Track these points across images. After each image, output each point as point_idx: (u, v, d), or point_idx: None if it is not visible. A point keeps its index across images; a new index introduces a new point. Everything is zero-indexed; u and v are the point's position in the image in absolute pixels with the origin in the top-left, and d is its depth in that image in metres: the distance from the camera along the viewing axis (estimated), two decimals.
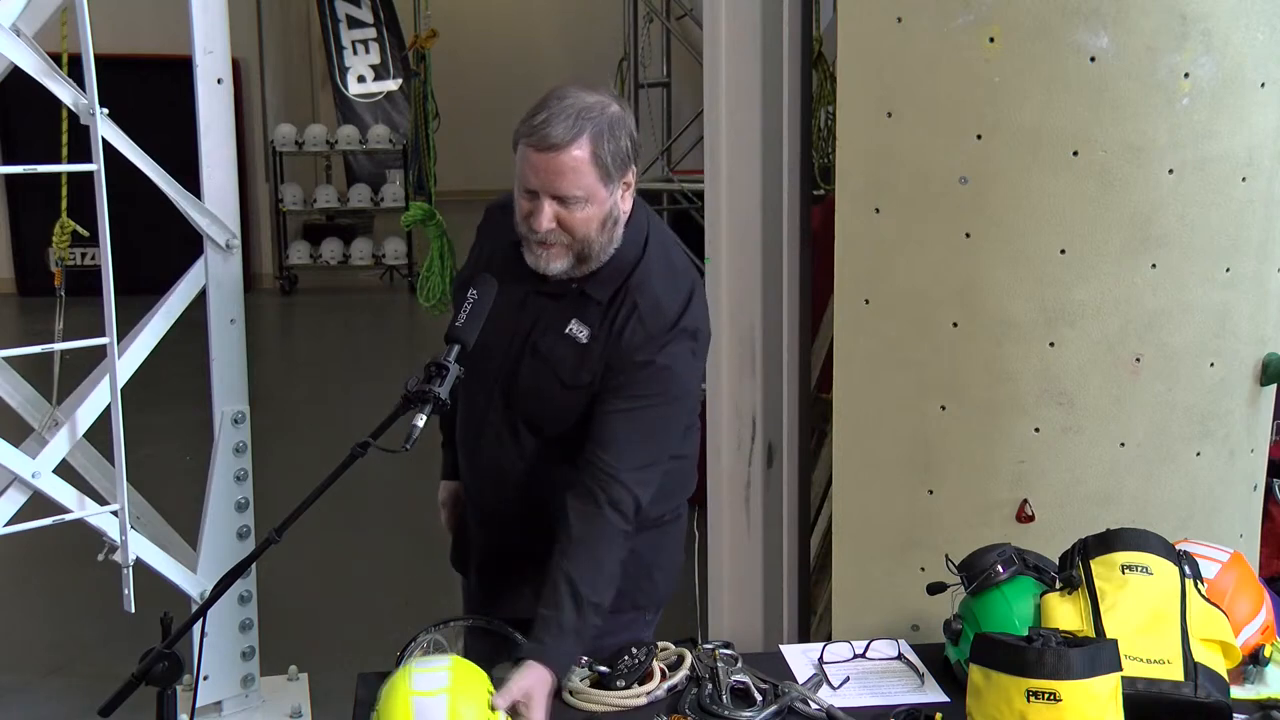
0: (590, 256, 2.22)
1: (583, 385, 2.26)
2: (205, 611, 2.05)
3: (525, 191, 2.19)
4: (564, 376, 2.27)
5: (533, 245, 2.21)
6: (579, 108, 2.14)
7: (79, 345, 3.22)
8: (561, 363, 2.27)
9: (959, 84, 2.63)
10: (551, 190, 2.15)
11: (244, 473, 3.61)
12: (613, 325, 2.26)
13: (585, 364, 2.26)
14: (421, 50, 10.12)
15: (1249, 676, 2.17)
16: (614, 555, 2.20)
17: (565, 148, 2.12)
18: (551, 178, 2.14)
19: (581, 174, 2.14)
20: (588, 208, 2.17)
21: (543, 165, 2.14)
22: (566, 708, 2.11)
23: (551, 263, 2.21)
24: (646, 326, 2.25)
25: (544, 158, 2.13)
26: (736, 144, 3.43)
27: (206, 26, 3.42)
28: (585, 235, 2.19)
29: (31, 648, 4.51)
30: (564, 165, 2.13)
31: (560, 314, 2.28)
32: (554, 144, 2.12)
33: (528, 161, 2.16)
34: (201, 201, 3.46)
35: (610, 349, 2.25)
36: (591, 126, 2.14)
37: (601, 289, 2.27)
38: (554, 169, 2.13)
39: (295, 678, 3.92)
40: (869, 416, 2.89)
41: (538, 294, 2.29)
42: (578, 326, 2.26)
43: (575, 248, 2.20)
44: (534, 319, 2.30)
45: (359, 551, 5.39)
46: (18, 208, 10.93)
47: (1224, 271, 2.66)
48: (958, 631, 2.19)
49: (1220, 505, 2.80)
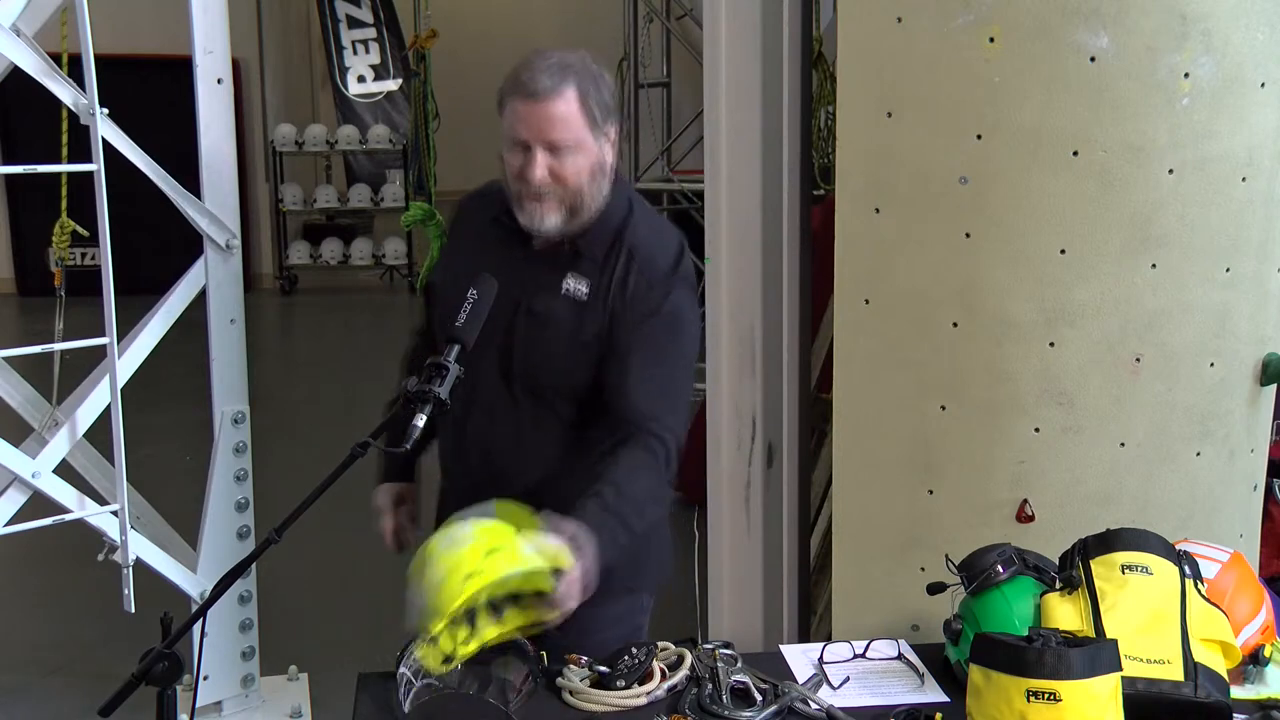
0: (581, 209, 2.27)
1: (589, 340, 2.29)
2: (205, 611, 2.05)
3: (516, 146, 2.23)
4: (567, 334, 2.29)
5: (526, 202, 2.26)
6: (562, 61, 2.22)
7: (79, 345, 3.22)
8: (563, 321, 2.29)
9: (959, 84, 2.63)
10: (543, 137, 2.20)
11: (244, 473, 3.61)
12: (612, 277, 2.30)
13: (589, 319, 2.29)
14: (421, 50, 10.14)
15: (1249, 676, 2.17)
16: (649, 479, 2.22)
17: (554, 95, 2.18)
18: (543, 125, 2.19)
19: (571, 120, 2.20)
20: (578, 157, 2.22)
21: (533, 114, 2.19)
22: (566, 708, 2.11)
23: (546, 217, 2.25)
24: (647, 276, 2.30)
25: (534, 106, 2.19)
26: (736, 144, 3.43)
27: (206, 26, 3.42)
28: (577, 186, 2.24)
29: (31, 648, 4.51)
30: (554, 112, 2.19)
31: (554, 274, 2.31)
32: (543, 92, 2.18)
33: (517, 114, 2.21)
34: (201, 201, 3.46)
35: (615, 302, 2.29)
36: (576, 76, 2.21)
37: (594, 244, 2.30)
38: (544, 116, 2.19)
39: (295, 678, 3.92)
40: (869, 416, 2.89)
41: (528, 260, 2.32)
42: (575, 282, 2.30)
43: (567, 200, 2.24)
44: (525, 283, 2.31)
45: (359, 551, 5.36)
46: (18, 208, 10.95)
47: (1224, 271, 2.66)
48: (958, 631, 2.19)
49: (1220, 505, 2.80)
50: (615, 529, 2.14)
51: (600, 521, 2.12)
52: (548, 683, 2.15)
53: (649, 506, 2.25)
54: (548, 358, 2.31)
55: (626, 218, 2.35)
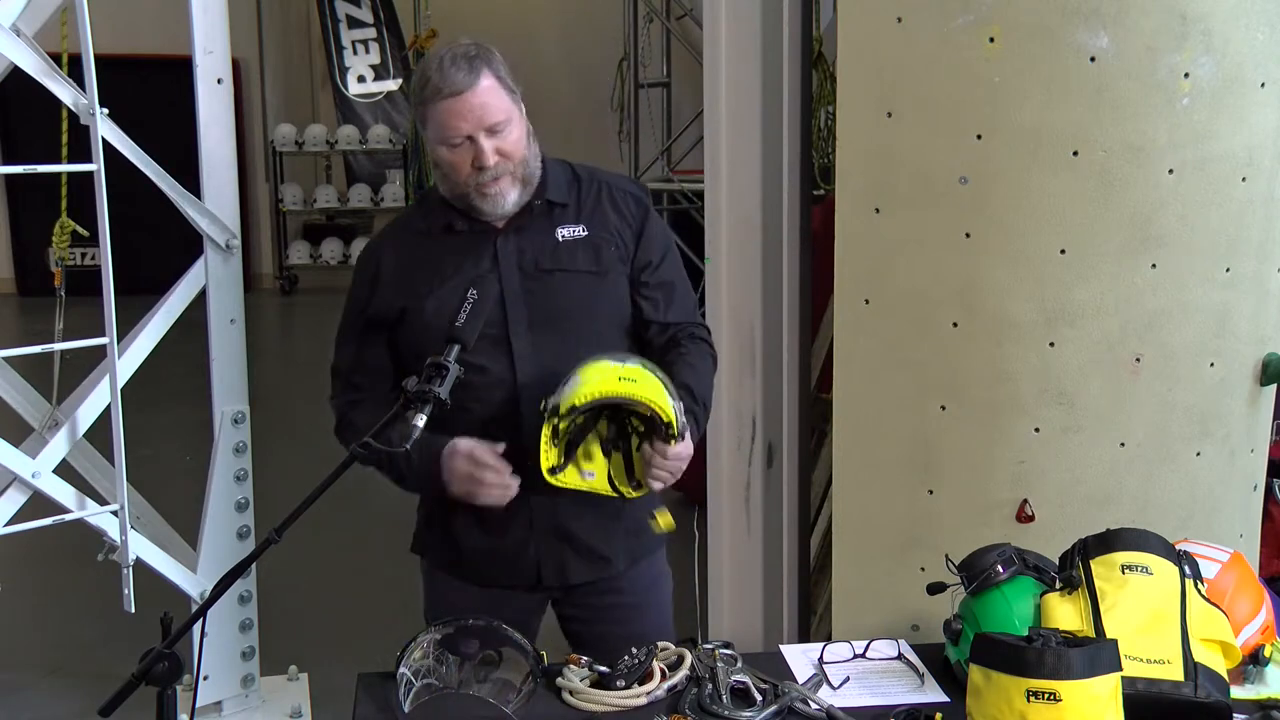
0: (530, 178, 2.37)
1: (613, 266, 2.40)
2: (205, 611, 2.05)
3: (456, 145, 2.30)
4: (590, 268, 2.39)
5: (483, 189, 2.33)
6: (461, 52, 2.31)
7: (79, 345, 3.22)
8: (577, 260, 2.39)
9: (959, 84, 2.63)
10: (481, 124, 2.28)
11: (244, 473, 3.61)
12: (598, 206, 2.43)
13: (601, 250, 2.40)
14: (421, 50, 10.15)
15: (1249, 676, 2.16)
16: (709, 375, 2.44)
17: (475, 83, 2.28)
18: (477, 114, 2.28)
19: (497, 99, 2.30)
20: (513, 129, 2.32)
21: (464, 108, 2.28)
22: (566, 708, 2.11)
23: (507, 196, 2.34)
24: (629, 191, 2.48)
25: (462, 100, 2.27)
26: (736, 144, 3.43)
27: (206, 26, 3.42)
28: (522, 155, 2.34)
29: (31, 648, 4.51)
30: (481, 100, 2.28)
31: (542, 234, 2.39)
32: (466, 86, 2.27)
33: (450, 113, 2.28)
34: (201, 201, 3.46)
35: (614, 222, 2.42)
36: (483, 61, 2.31)
37: (560, 191, 2.42)
38: (475, 105, 2.28)
39: (295, 678, 3.92)
40: (869, 416, 2.89)
41: (508, 238, 2.38)
42: (567, 230, 2.40)
43: (518, 172, 2.34)
44: (517, 257, 2.37)
45: (359, 551, 5.39)
46: (18, 208, 10.96)
47: (1224, 271, 2.66)
48: (958, 631, 2.19)
49: (1220, 505, 2.80)
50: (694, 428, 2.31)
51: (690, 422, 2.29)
52: (548, 683, 2.15)
53: (709, 402, 2.43)
54: (580, 298, 2.38)
55: (572, 168, 2.49)
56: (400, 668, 2.10)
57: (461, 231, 2.39)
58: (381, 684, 2.15)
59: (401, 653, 2.12)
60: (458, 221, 2.39)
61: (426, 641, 2.15)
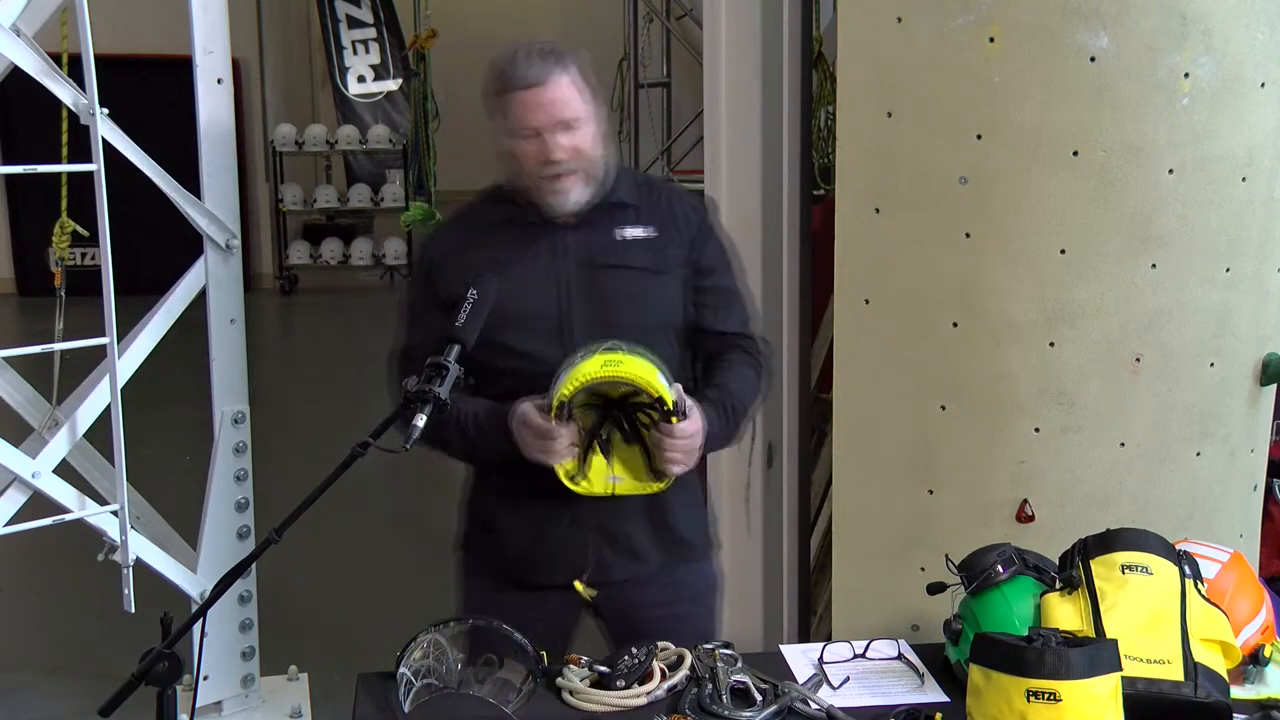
0: (598, 176, 2.38)
1: (673, 267, 2.42)
2: (205, 611, 2.05)
3: (527, 137, 2.31)
4: (651, 266, 2.40)
5: (549, 184, 2.34)
6: (540, 47, 2.31)
7: (79, 345, 3.22)
8: (639, 259, 2.40)
9: (959, 84, 2.63)
10: (555, 118, 2.29)
11: (244, 473, 3.61)
12: (663, 210, 2.44)
13: (666, 250, 2.42)
14: (421, 50, 10.14)
15: (1249, 676, 2.16)
16: (757, 383, 2.45)
17: (552, 78, 2.28)
18: (550, 109, 2.28)
19: (572, 96, 2.30)
20: (587, 129, 2.33)
21: (537, 101, 2.28)
22: (566, 708, 2.11)
23: (572, 194, 2.35)
24: (692, 201, 2.51)
25: (536, 93, 2.28)
26: (736, 144, 3.43)
27: (206, 26, 3.42)
28: (594, 155, 2.35)
29: (31, 648, 4.52)
30: (557, 95, 2.29)
31: (606, 233, 2.41)
32: (542, 79, 2.28)
33: (522, 106, 2.29)
34: (201, 201, 3.46)
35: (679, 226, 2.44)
36: (563, 56, 2.32)
37: (629, 193, 2.44)
38: (549, 100, 2.28)
39: (295, 678, 3.92)
40: (869, 416, 2.89)
41: (572, 233, 2.40)
42: (632, 230, 2.42)
43: (588, 170, 2.35)
44: (582, 252, 2.39)
45: (359, 551, 5.39)
46: (18, 208, 10.95)
47: (1224, 271, 2.66)
48: (958, 631, 2.19)
49: (1220, 505, 2.80)
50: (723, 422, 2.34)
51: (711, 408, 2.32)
52: (548, 683, 2.15)
53: (750, 406, 2.45)
54: (639, 294, 2.40)
55: (645, 175, 2.57)
56: (400, 668, 2.10)
57: (525, 224, 2.40)
58: (381, 684, 2.15)
59: (401, 653, 2.12)
60: (521, 214, 2.40)
61: (426, 641, 2.15)
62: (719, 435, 2.36)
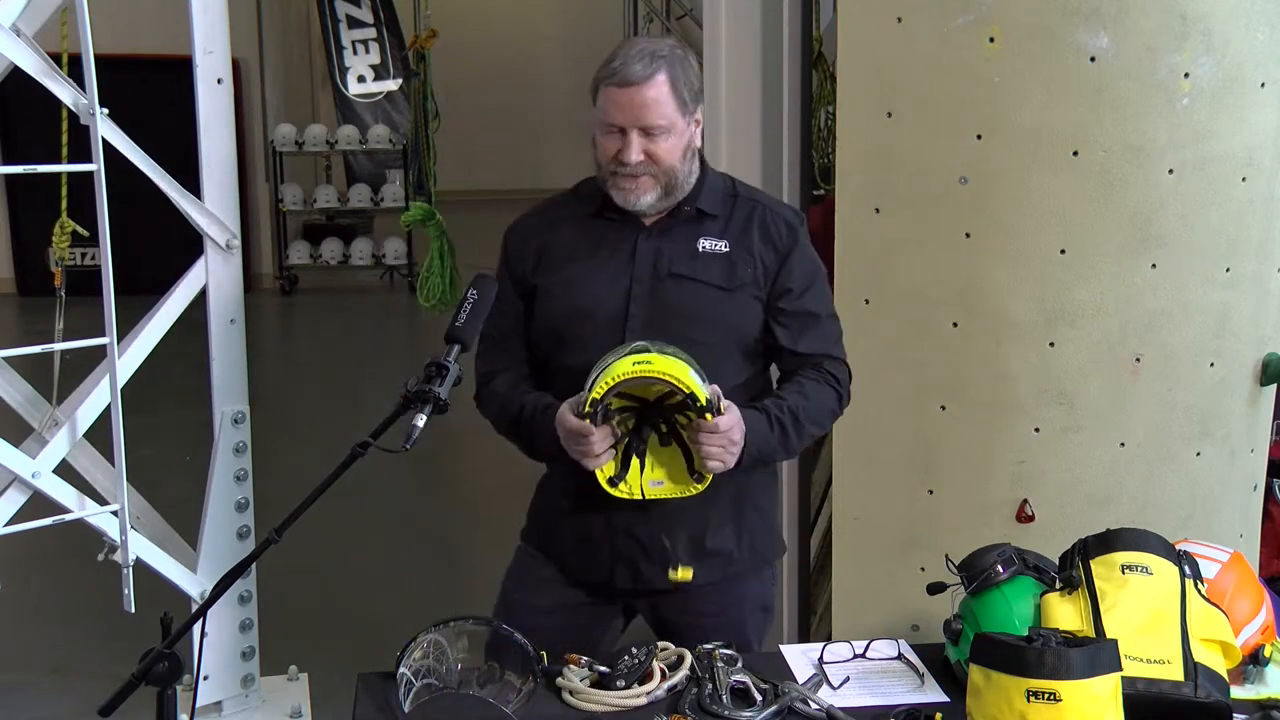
0: (675, 187, 2.37)
1: (744, 285, 2.39)
2: (205, 611, 2.05)
3: (610, 131, 2.33)
4: (720, 282, 2.38)
5: (620, 181, 2.35)
6: (652, 49, 2.33)
7: (79, 345, 3.21)
8: (710, 273, 2.39)
9: (959, 84, 2.63)
10: (637, 122, 2.30)
11: (244, 473, 3.61)
12: (746, 226, 2.42)
13: (737, 267, 2.39)
14: (421, 50, 10.12)
15: (1249, 676, 2.17)
16: (824, 398, 2.41)
17: (646, 81, 2.29)
18: (637, 111, 2.30)
19: (663, 104, 2.30)
20: (670, 138, 2.32)
21: (627, 100, 2.30)
22: (566, 708, 2.11)
23: (641, 195, 2.35)
24: (784, 217, 2.46)
25: (628, 93, 2.29)
26: (736, 144, 3.43)
27: (206, 26, 3.41)
28: (671, 165, 2.34)
29: (31, 648, 4.51)
30: (647, 98, 2.29)
31: (685, 240, 2.40)
32: (636, 79, 2.29)
33: (612, 100, 2.31)
34: (201, 201, 3.46)
35: (759, 244, 2.40)
36: (667, 63, 2.31)
37: (713, 203, 2.43)
38: (638, 102, 2.29)
39: (295, 678, 3.92)
40: (869, 416, 2.89)
41: (652, 235, 2.40)
42: (709, 243, 2.40)
43: (662, 178, 2.34)
44: (655, 257, 2.39)
45: (359, 551, 5.39)
46: (18, 208, 10.94)
47: (1224, 271, 2.66)
48: (958, 631, 2.19)
49: (1220, 505, 2.80)
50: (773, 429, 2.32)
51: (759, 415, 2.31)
52: (548, 683, 2.15)
53: (811, 419, 2.40)
54: (702, 307, 2.38)
55: (734, 184, 2.50)
56: (400, 668, 2.10)
57: (610, 220, 2.41)
58: (381, 684, 2.15)
59: (401, 653, 2.12)
60: (609, 210, 2.41)
61: (426, 641, 2.15)
62: (769, 443, 2.32)
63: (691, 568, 2.38)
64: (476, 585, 4.69)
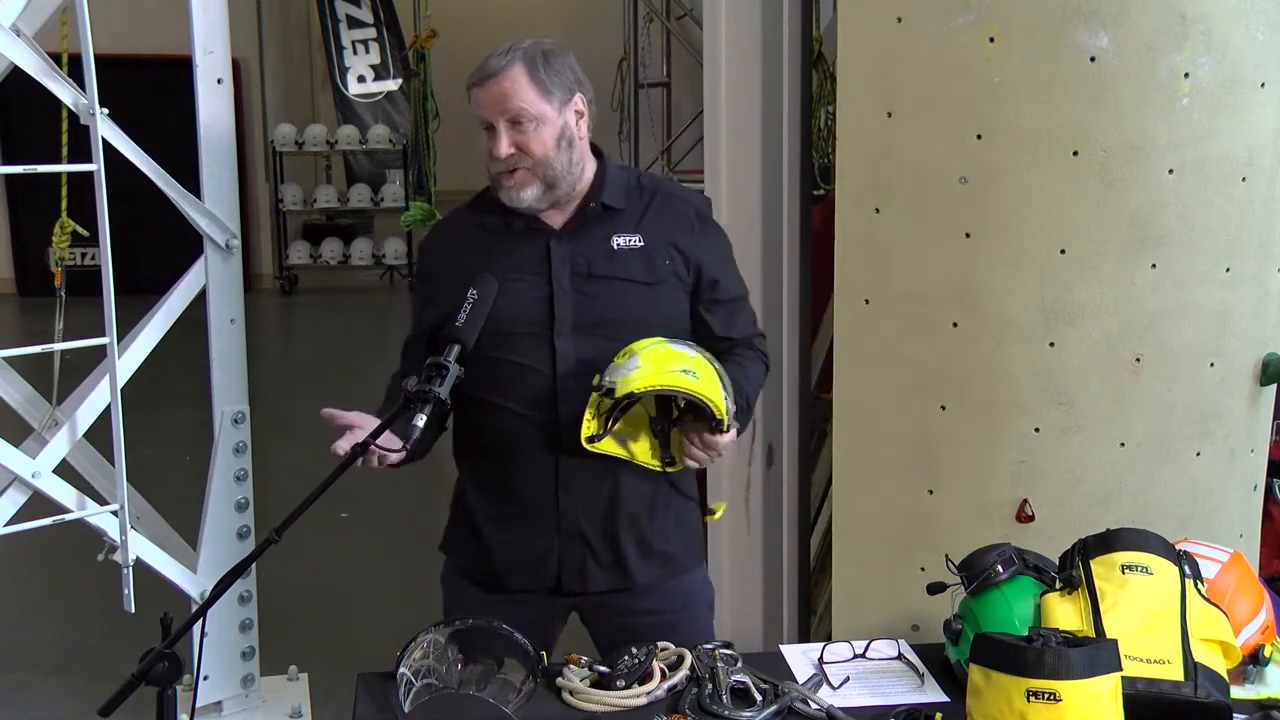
0: (556, 179, 2.35)
1: (666, 277, 2.40)
2: (205, 611, 2.05)
3: (483, 129, 2.34)
4: (642, 278, 2.38)
5: (502, 179, 2.35)
6: (510, 45, 2.36)
7: (79, 345, 3.22)
8: (631, 269, 2.38)
9: (959, 84, 2.63)
10: (500, 111, 2.31)
11: (244, 473, 3.61)
12: (656, 217, 2.42)
13: (655, 260, 2.39)
14: (421, 50, 10.13)
15: (1249, 676, 2.16)
16: (759, 375, 2.50)
17: (501, 72, 2.31)
18: (496, 101, 2.31)
19: (520, 91, 2.30)
20: (540, 128, 2.32)
21: (486, 94, 2.32)
22: (566, 708, 2.11)
23: (521, 191, 2.34)
24: (691, 203, 2.48)
25: (485, 87, 2.32)
26: (736, 144, 3.43)
27: (206, 26, 3.42)
28: (544, 155, 2.32)
29: (31, 648, 4.51)
30: (503, 87, 2.30)
31: (598, 239, 2.39)
32: (491, 72, 2.32)
33: (476, 99, 2.34)
34: (201, 201, 3.46)
35: (673, 234, 2.41)
36: (522, 53, 2.33)
37: (617, 197, 2.41)
38: (496, 93, 2.31)
39: (295, 678, 3.92)
40: (869, 416, 2.89)
41: (563, 238, 2.39)
42: (623, 239, 2.39)
43: (539, 171, 2.33)
44: (571, 260, 2.37)
45: (359, 551, 5.39)
46: (18, 208, 10.95)
47: (1224, 271, 2.66)
48: (958, 631, 2.19)
49: (1220, 505, 2.80)
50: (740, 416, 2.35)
51: None
52: (548, 683, 2.15)
53: (755, 398, 2.49)
54: (627, 305, 2.37)
55: (636, 176, 2.49)
56: (400, 668, 2.10)
57: (518, 229, 2.40)
58: (381, 684, 2.15)
59: (401, 653, 2.12)
60: (515, 220, 2.39)
61: (426, 641, 2.15)
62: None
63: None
64: None
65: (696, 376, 2.21)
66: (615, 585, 2.44)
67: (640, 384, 2.19)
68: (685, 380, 2.20)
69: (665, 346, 2.25)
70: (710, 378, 2.24)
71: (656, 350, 2.23)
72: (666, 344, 2.26)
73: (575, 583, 2.44)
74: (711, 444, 2.28)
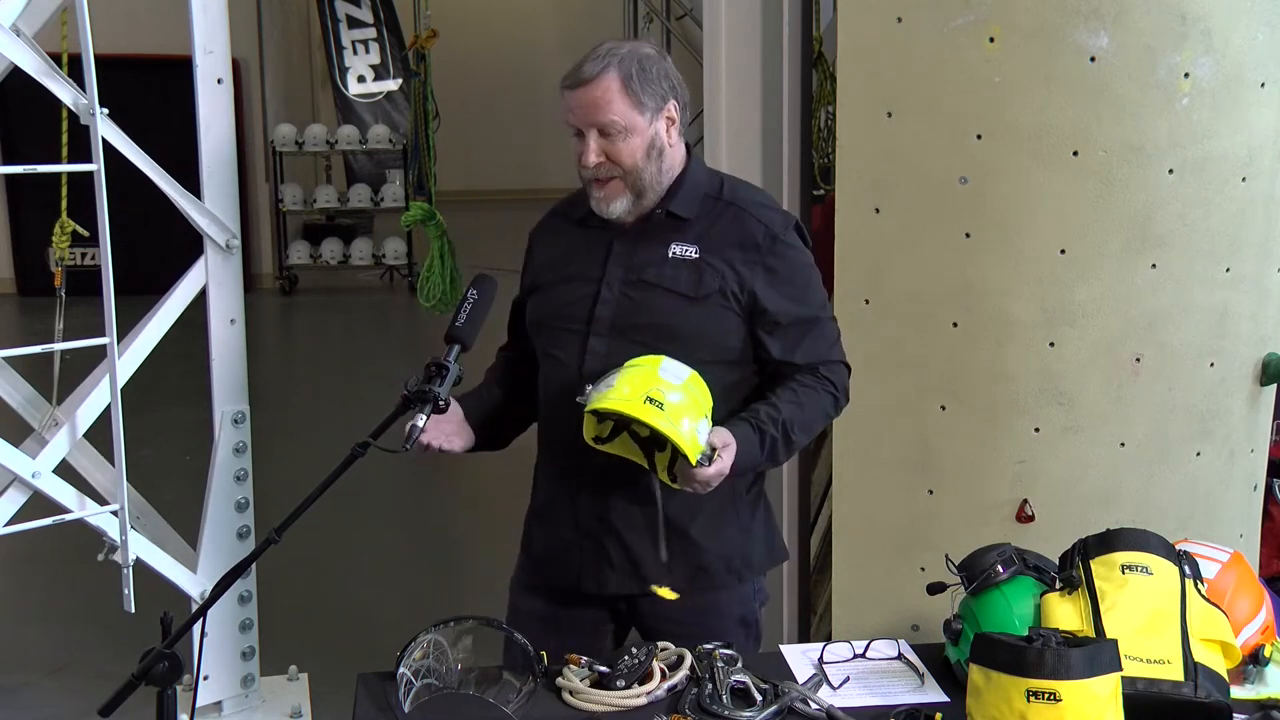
0: (644, 189, 2.34)
1: (711, 294, 2.33)
2: (205, 611, 2.05)
3: (573, 135, 2.33)
4: (686, 290, 2.33)
5: (591, 187, 2.35)
6: (608, 49, 2.32)
7: (79, 345, 3.21)
8: (677, 280, 2.34)
9: (959, 84, 2.63)
10: (590, 121, 2.29)
11: (244, 473, 3.61)
12: (722, 232, 2.36)
13: (704, 275, 2.34)
14: (421, 50, 10.12)
15: (1249, 676, 2.17)
16: (819, 405, 2.36)
17: (594, 80, 2.27)
18: (587, 110, 2.28)
19: (613, 102, 2.27)
20: (630, 138, 2.30)
21: (577, 101, 2.29)
22: (567, 708, 2.11)
23: (611, 203, 2.34)
24: (764, 221, 2.37)
25: (577, 94, 2.29)
26: (736, 144, 3.43)
27: (206, 26, 3.41)
28: (633, 165, 2.31)
29: (31, 648, 4.51)
30: (596, 96, 2.27)
31: (657, 245, 2.36)
32: (584, 79, 2.28)
33: (566, 103, 2.31)
34: (201, 201, 3.46)
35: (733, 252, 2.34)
36: (618, 61, 2.29)
37: (686, 206, 2.37)
38: (588, 101, 2.28)
39: (295, 678, 3.92)
40: (869, 416, 2.89)
41: (626, 240, 2.38)
42: (679, 248, 2.35)
43: (628, 180, 2.32)
44: (626, 262, 2.37)
45: (359, 551, 5.39)
46: (18, 208, 10.93)
47: (1224, 271, 2.66)
48: (958, 631, 2.19)
49: (1220, 505, 2.80)
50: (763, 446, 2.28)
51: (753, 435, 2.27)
52: (548, 683, 2.15)
53: (804, 431, 2.37)
54: (670, 317, 2.33)
55: (720, 184, 2.43)
56: (400, 668, 2.10)
57: (594, 225, 2.41)
58: (381, 684, 2.15)
59: (401, 653, 2.12)
60: (594, 217, 2.40)
61: (426, 641, 2.15)
62: (756, 459, 2.30)
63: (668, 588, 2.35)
64: (476, 585, 4.70)
65: (662, 407, 2.13)
66: (632, 589, 2.41)
67: (603, 404, 2.16)
68: (648, 412, 2.12)
69: (652, 370, 2.19)
70: (683, 411, 2.15)
71: (641, 372, 2.19)
72: (659, 366, 2.20)
73: (593, 584, 2.43)
74: (685, 475, 2.20)
